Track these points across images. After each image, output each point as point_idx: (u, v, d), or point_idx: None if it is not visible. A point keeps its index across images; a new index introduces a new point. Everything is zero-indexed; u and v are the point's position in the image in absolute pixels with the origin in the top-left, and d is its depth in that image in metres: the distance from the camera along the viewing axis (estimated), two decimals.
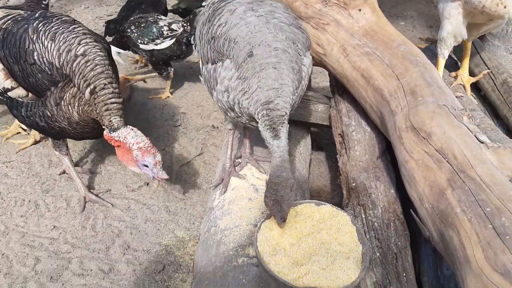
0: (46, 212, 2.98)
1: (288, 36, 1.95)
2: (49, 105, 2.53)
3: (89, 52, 2.46)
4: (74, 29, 2.52)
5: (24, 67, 2.45)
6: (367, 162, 2.36)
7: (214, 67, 2.06)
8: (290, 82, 1.87)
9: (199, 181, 3.32)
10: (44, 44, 2.42)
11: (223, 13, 2.07)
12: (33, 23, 2.49)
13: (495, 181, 1.64)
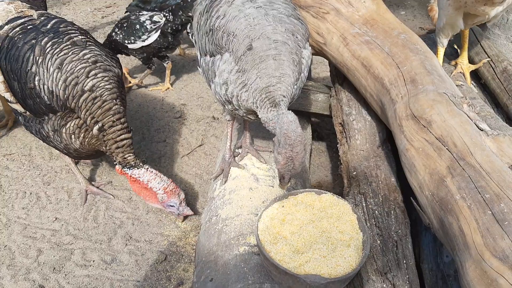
0: (47, 204, 3.00)
1: (287, 27, 1.93)
2: (46, 128, 2.45)
3: (97, 86, 2.34)
4: (84, 55, 2.35)
5: (23, 88, 2.33)
6: (368, 151, 2.37)
7: (213, 59, 2.04)
8: (290, 72, 1.85)
9: (200, 172, 3.33)
10: (49, 70, 2.28)
11: (221, 4, 2.04)
12: (42, 41, 2.31)
13: (495, 168, 1.65)
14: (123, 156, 2.46)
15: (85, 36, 2.46)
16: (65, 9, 6.29)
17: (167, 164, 3.40)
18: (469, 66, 2.82)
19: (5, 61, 2.36)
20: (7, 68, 2.36)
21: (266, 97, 1.81)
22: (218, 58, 1.98)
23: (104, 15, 6.15)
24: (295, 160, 1.71)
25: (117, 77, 2.48)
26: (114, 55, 2.60)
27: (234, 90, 1.93)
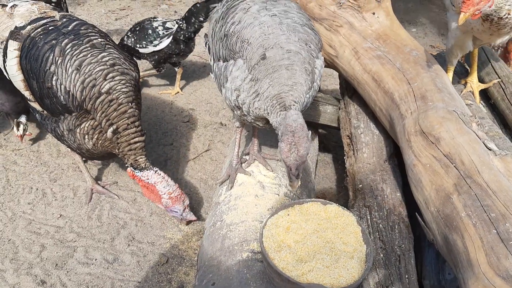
0: (53, 201, 3.02)
1: (301, 37, 1.95)
2: (61, 127, 2.48)
3: (114, 89, 2.37)
4: (102, 58, 2.38)
5: (41, 87, 2.37)
6: (375, 165, 2.38)
7: (226, 64, 2.06)
8: (303, 81, 1.87)
9: (205, 177, 3.34)
10: (67, 71, 2.31)
11: (236, 11, 2.07)
12: (62, 42, 2.34)
13: (501, 187, 1.65)
14: (135, 158, 2.48)
15: (104, 39, 2.49)
16: (79, 10, 6.36)
17: (172, 167, 3.42)
18: (479, 85, 2.83)
19: (25, 60, 2.39)
20: (27, 67, 2.39)
21: (277, 102, 1.82)
22: (231, 63, 2.00)
23: (118, 17, 6.22)
24: (298, 145, 1.68)
25: (134, 80, 2.51)
26: (132, 58, 2.63)
27: (246, 98, 1.95)
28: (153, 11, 6.48)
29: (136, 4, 6.80)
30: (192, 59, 5.18)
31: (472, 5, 2.05)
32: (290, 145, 1.69)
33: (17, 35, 2.46)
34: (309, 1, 2.67)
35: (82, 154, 2.72)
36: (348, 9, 2.61)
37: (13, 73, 2.47)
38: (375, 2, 2.60)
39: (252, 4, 2.08)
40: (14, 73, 2.46)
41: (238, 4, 2.13)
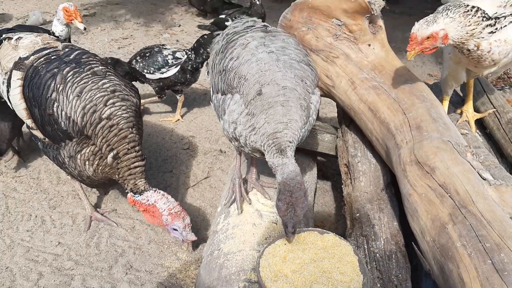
0: (52, 228, 3.02)
1: (297, 73, 1.99)
2: (62, 154, 2.50)
3: (115, 115, 2.41)
4: (103, 84, 2.43)
5: (43, 114, 2.40)
6: (372, 194, 2.39)
7: (224, 98, 2.11)
8: (298, 117, 1.91)
9: (204, 205, 3.35)
10: (68, 98, 2.35)
11: (235, 47, 2.12)
12: (64, 70, 2.40)
13: (496, 217, 1.67)
14: (135, 182, 2.49)
15: (105, 67, 2.55)
16: (83, 38, 6.49)
17: (172, 195, 3.36)
18: (474, 114, 2.87)
19: (28, 89, 2.44)
20: (29, 95, 2.44)
21: (273, 142, 1.86)
22: (229, 97, 2.05)
23: (121, 46, 6.34)
24: (295, 206, 1.74)
25: (135, 106, 2.55)
26: (133, 85, 2.68)
27: (243, 132, 1.99)
28: (156, 40, 6.60)
29: (139, 33, 6.94)
30: (193, 87, 5.24)
31: (416, 44, 2.12)
32: (288, 204, 1.74)
33: (21, 65, 2.52)
34: (306, 33, 2.73)
35: (83, 182, 2.74)
36: (344, 41, 2.67)
37: (16, 102, 2.52)
38: (370, 34, 2.67)
39: (250, 39, 2.13)
40: (17, 102, 2.51)
41: (238, 39, 2.18)
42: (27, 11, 7.53)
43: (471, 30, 2.09)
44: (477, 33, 2.10)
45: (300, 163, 3.00)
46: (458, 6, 2.10)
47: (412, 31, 2.14)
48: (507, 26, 2.13)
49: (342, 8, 2.62)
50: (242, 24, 2.39)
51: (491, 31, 2.11)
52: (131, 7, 8.29)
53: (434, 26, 2.08)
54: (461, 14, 2.07)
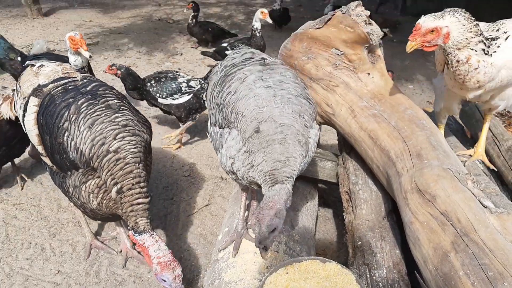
0: (51, 256, 3.00)
1: (294, 109, 1.99)
2: (67, 183, 2.49)
3: (123, 149, 2.38)
4: (115, 118, 2.43)
5: (53, 142, 2.41)
6: (373, 221, 2.39)
7: (221, 131, 2.10)
8: (296, 154, 1.92)
9: (205, 232, 3.34)
10: (79, 128, 2.36)
11: (233, 80, 2.12)
12: (79, 101, 2.43)
13: (498, 246, 1.66)
14: (136, 220, 2.41)
15: (120, 101, 2.56)
16: None
17: (172, 222, 3.42)
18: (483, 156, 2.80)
19: (42, 116, 2.46)
20: (42, 122, 2.46)
21: (270, 178, 1.86)
22: (227, 132, 2.05)
23: None
24: (261, 222, 1.72)
25: (145, 142, 2.52)
26: (146, 120, 2.66)
27: (241, 168, 1.99)
28: (158, 68, 6.69)
29: (141, 61, 7.04)
30: None
31: (419, 35, 2.16)
32: (256, 220, 1.74)
33: (38, 92, 2.56)
34: (306, 63, 2.78)
35: (86, 213, 2.70)
36: (344, 70, 2.71)
37: (30, 128, 2.55)
38: (369, 63, 2.71)
39: (248, 73, 2.12)
40: (31, 128, 2.54)
41: (236, 72, 2.17)
42: (31, 40, 7.66)
43: (470, 37, 2.14)
44: (472, 44, 2.15)
45: (301, 190, 3.03)
46: (463, 11, 2.16)
47: (418, 22, 2.18)
48: (496, 52, 2.19)
49: (341, 38, 2.67)
50: (240, 55, 2.38)
51: (483, 49, 2.16)
52: (134, 36, 8.44)
53: (440, 21, 2.13)
54: (466, 18, 2.13)
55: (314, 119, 2.12)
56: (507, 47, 2.20)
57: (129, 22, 9.52)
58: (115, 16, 9.99)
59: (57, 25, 8.80)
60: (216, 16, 10.55)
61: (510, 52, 2.19)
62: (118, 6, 11.04)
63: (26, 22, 8.91)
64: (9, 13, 9.56)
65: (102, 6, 10.83)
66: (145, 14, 10.37)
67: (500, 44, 2.20)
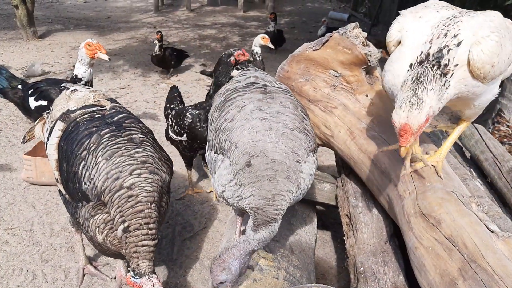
0: (43, 283, 2.91)
1: (288, 144, 1.99)
2: (79, 214, 2.36)
3: (137, 186, 2.24)
4: (136, 153, 2.32)
5: (69, 170, 2.32)
6: (375, 246, 2.33)
7: (216, 157, 2.13)
8: (284, 192, 1.95)
9: (201, 257, 3.26)
10: (97, 159, 2.26)
11: (231, 107, 2.14)
12: (102, 131, 2.34)
13: (507, 272, 1.61)
14: (137, 262, 2.23)
15: (144, 136, 2.47)
16: None
17: (167, 247, 3.34)
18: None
19: (63, 142, 2.39)
20: (63, 148, 2.38)
21: (254, 217, 1.96)
22: (220, 159, 2.07)
23: (118, 96, 6.39)
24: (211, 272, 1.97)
25: (162, 181, 2.38)
26: (169, 158, 2.56)
27: (230, 197, 2.05)
28: (152, 89, 6.68)
29: (136, 83, 7.03)
30: None
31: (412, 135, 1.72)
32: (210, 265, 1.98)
33: (66, 117, 2.50)
34: (304, 84, 2.75)
35: (95, 247, 2.53)
36: (342, 92, 2.69)
37: (51, 152, 2.48)
38: (367, 85, 2.69)
39: (247, 102, 2.13)
40: (51, 152, 2.47)
41: (236, 98, 2.19)
42: (26, 62, 7.64)
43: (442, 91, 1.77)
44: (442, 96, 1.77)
45: (300, 213, 2.97)
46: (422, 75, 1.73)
47: (400, 121, 1.70)
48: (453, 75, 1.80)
49: (339, 60, 2.66)
50: (244, 79, 2.40)
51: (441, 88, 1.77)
52: (129, 58, 8.45)
53: (425, 107, 1.69)
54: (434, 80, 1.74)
55: (311, 151, 2.13)
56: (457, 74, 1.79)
57: (124, 44, 9.55)
58: (110, 38, 10.02)
59: (53, 47, 8.80)
60: (211, 38, 10.62)
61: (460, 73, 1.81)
62: (113, 28, 11.10)
63: (21, 44, 8.90)
64: (5, 35, 9.56)
65: (98, 29, 10.87)
66: (140, 36, 10.42)
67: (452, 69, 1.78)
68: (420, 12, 1.98)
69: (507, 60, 1.90)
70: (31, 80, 5.45)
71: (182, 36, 10.66)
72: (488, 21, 1.84)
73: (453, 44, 1.78)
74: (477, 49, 1.77)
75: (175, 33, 10.95)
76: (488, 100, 2.03)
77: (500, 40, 1.81)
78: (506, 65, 1.92)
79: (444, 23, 1.86)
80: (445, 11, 1.96)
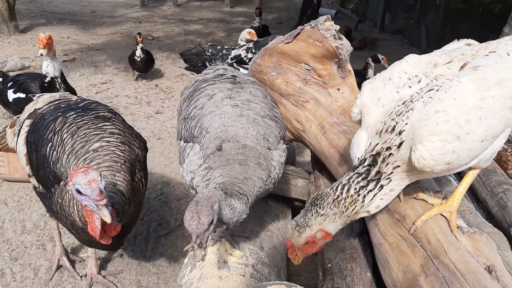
0: (11, 282, 2.85)
1: (259, 131, 1.98)
2: (54, 202, 2.27)
3: (104, 149, 2.16)
4: (103, 126, 2.26)
5: (38, 157, 2.25)
6: (344, 242, 2.29)
7: (185, 146, 2.09)
8: (255, 177, 1.91)
9: (176, 254, 3.21)
10: (62, 136, 2.19)
11: (201, 96, 2.12)
12: (67, 114, 2.30)
13: (469, 269, 1.58)
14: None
15: (113, 115, 2.43)
16: None
17: (141, 244, 3.29)
18: None
19: (31, 134, 2.37)
20: (31, 140, 2.35)
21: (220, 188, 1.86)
22: (190, 146, 2.03)
23: (99, 91, 6.30)
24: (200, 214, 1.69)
25: (134, 155, 2.29)
26: (141, 136, 2.49)
27: (200, 183, 1.98)
28: (134, 85, 6.59)
29: (118, 78, 6.93)
30: (171, 132, 5.19)
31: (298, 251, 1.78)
32: (192, 213, 1.69)
33: (32, 114, 2.50)
34: (276, 78, 2.71)
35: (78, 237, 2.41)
36: (314, 85, 2.64)
37: (20, 149, 2.44)
38: (339, 78, 2.65)
39: (217, 91, 2.12)
40: (21, 148, 2.43)
41: (205, 87, 2.17)
42: (6, 57, 7.51)
43: (352, 212, 1.71)
44: (359, 209, 1.71)
45: (273, 209, 2.93)
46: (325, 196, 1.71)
47: (287, 237, 1.78)
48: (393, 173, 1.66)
49: (310, 53, 2.61)
50: (213, 71, 2.39)
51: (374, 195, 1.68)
52: (112, 52, 8.34)
53: (307, 232, 1.71)
54: (331, 206, 1.69)
55: (281, 139, 2.10)
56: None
57: (108, 39, 9.42)
58: (94, 33, 9.89)
59: (34, 42, 8.66)
60: (197, 33, 10.53)
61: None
62: (97, 23, 10.95)
63: (2, 38, 8.76)
64: None
65: (82, 23, 10.72)
66: (125, 31, 10.29)
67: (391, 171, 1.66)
68: (380, 93, 1.72)
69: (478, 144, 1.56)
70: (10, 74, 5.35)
71: (167, 31, 10.55)
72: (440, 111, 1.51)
73: (395, 146, 1.60)
74: (416, 156, 1.53)
75: (160, 28, 10.84)
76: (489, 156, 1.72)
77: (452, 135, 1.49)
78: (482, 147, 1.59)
79: (396, 111, 1.64)
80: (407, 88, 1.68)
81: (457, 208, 1.83)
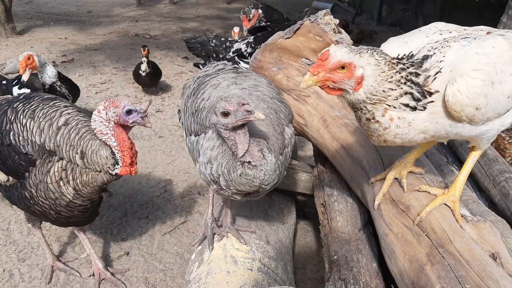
0: (20, 282, 2.87)
1: (270, 106, 1.99)
2: (28, 187, 2.36)
3: (72, 119, 2.34)
4: (54, 104, 2.41)
5: (1, 150, 2.33)
6: (349, 234, 2.32)
7: (197, 139, 2.06)
8: (274, 138, 1.89)
9: (181, 251, 3.23)
10: (22, 123, 2.32)
11: (207, 88, 2.13)
12: (14, 105, 2.42)
13: (474, 256, 1.60)
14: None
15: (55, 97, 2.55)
16: None
17: (147, 242, 3.31)
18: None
19: None
20: None
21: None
22: (202, 137, 2.01)
23: (98, 91, 6.30)
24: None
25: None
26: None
27: (219, 168, 1.90)
28: (134, 84, 6.59)
29: (117, 77, 6.93)
30: (172, 129, 5.21)
31: (323, 69, 1.52)
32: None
33: None
34: (277, 73, 2.72)
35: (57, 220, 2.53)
36: None
37: None
38: None
39: (222, 80, 2.13)
40: None
41: (209, 80, 2.18)
42: (4, 59, 7.50)
43: (389, 89, 1.52)
44: (391, 99, 1.53)
45: (278, 203, 2.96)
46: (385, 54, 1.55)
47: (328, 49, 1.55)
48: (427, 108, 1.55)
49: (311, 47, 2.63)
50: (213, 67, 2.40)
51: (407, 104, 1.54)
52: (110, 52, 8.33)
53: (356, 57, 1.50)
54: (387, 62, 1.52)
55: (290, 121, 2.11)
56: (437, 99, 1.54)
57: (106, 39, 9.40)
58: (91, 33, 9.86)
59: (32, 43, 8.64)
60: (194, 31, 10.50)
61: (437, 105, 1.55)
62: (94, 23, 10.92)
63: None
64: None
65: (78, 24, 10.69)
66: (122, 30, 10.26)
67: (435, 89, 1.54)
68: (407, 38, 1.71)
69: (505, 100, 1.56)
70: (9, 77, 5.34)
71: (164, 29, 10.52)
72: (480, 53, 1.52)
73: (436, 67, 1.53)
74: (452, 89, 1.48)
75: (157, 26, 10.81)
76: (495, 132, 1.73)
77: (490, 78, 1.49)
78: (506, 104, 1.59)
79: (431, 46, 1.60)
80: (438, 35, 1.67)
81: (459, 196, 1.85)
